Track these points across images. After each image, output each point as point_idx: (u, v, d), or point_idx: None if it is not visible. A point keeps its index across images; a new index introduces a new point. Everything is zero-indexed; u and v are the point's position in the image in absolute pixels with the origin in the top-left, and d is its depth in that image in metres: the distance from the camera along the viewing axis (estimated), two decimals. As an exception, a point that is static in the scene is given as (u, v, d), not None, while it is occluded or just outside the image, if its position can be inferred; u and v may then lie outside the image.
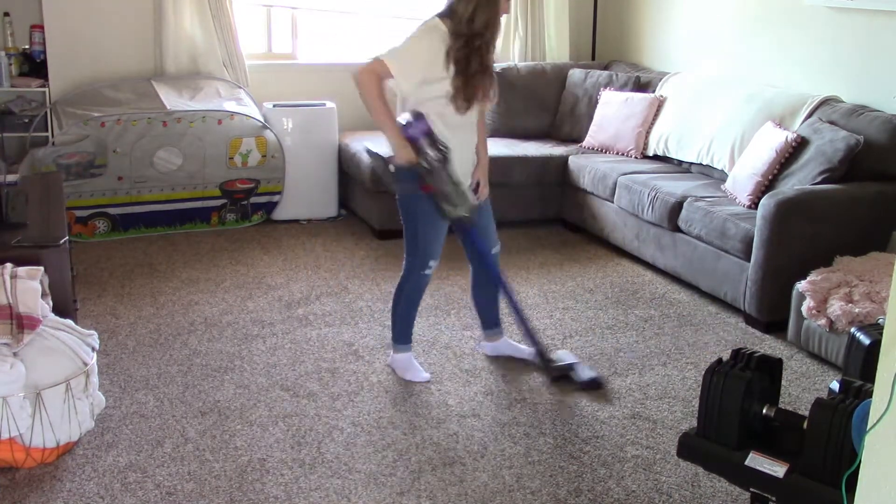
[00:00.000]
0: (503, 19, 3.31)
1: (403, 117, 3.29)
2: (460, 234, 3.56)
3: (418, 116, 3.26)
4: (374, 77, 3.26)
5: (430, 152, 3.25)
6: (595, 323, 4.17)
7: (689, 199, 4.52)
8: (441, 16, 3.24)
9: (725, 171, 4.86)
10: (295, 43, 6.13)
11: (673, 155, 5.31)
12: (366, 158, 5.33)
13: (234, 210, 5.45)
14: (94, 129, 5.00)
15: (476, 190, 3.50)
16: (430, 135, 3.27)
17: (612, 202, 5.06)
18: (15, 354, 2.79)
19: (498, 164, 5.38)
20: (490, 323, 3.76)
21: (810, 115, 4.55)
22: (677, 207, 4.53)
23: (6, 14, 5.32)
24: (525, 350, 3.73)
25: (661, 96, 5.52)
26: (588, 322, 4.18)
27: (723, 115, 5.00)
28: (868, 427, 1.56)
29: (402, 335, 3.60)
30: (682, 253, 4.54)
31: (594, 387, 3.49)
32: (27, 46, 5.41)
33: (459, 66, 3.22)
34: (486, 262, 3.58)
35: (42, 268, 3.04)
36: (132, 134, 5.06)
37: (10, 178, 3.98)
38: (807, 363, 3.80)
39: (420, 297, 3.60)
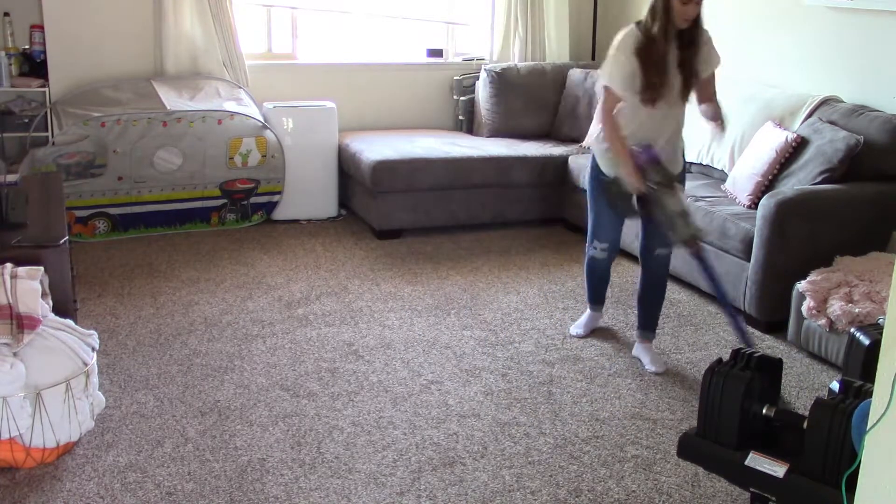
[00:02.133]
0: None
1: (634, 147, 3.48)
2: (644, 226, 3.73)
3: (647, 146, 3.46)
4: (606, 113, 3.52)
5: (655, 179, 3.39)
6: (595, 323, 4.17)
7: (688, 199, 4.52)
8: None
9: (725, 171, 4.86)
10: (295, 43, 6.13)
11: (673, 155, 5.30)
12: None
13: (234, 210, 5.45)
14: (94, 129, 5.00)
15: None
16: (655, 162, 3.43)
17: (612, 202, 5.06)
18: (15, 354, 2.79)
19: (498, 164, 5.39)
20: (641, 324, 3.87)
21: (810, 115, 4.55)
22: (677, 207, 4.53)
23: (6, 14, 5.32)
24: (652, 367, 3.73)
25: (661, 96, 5.51)
26: (588, 322, 4.18)
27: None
28: (868, 427, 1.56)
29: (588, 297, 4.06)
30: (682, 253, 4.53)
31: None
32: (27, 46, 5.41)
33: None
34: (644, 261, 3.80)
35: (42, 268, 3.04)
36: (132, 134, 5.06)
37: (10, 178, 3.98)
38: (807, 363, 3.80)
39: (593, 274, 3.96)
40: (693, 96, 3.59)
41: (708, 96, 3.62)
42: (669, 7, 3.41)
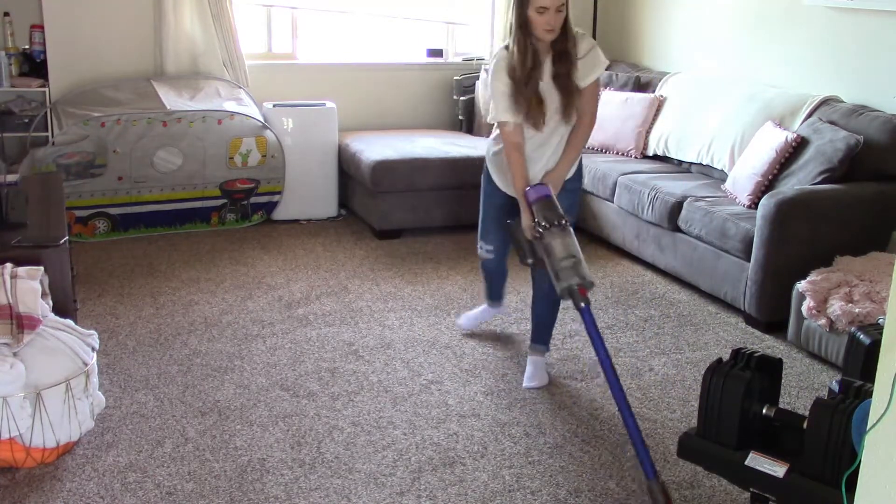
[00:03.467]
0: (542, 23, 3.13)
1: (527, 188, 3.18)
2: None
3: (538, 185, 3.16)
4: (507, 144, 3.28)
5: (542, 220, 3.03)
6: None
7: (689, 199, 4.52)
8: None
9: (725, 171, 4.86)
10: (295, 43, 6.14)
11: (673, 155, 5.31)
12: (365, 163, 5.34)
13: (234, 210, 5.45)
14: (94, 129, 5.00)
15: None
16: (544, 199, 3.09)
17: (612, 202, 5.06)
18: (15, 354, 2.79)
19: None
20: (532, 335, 3.65)
21: (810, 115, 4.55)
22: (677, 207, 4.53)
23: (6, 14, 5.32)
24: (526, 382, 3.52)
25: (661, 96, 5.52)
26: (588, 322, 4.18)
27: (723, 115, 5.00)
28: (868, 427, 1.56)
29: (484, 292, 3.95)
30: (682, 253, 4.54)
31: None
32: (27, 46, 5.41)
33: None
34: (532, 271, 3.51)
35: (42, 268, 3.04)
36: (132, 134, 5.06)
37: (10, 178, 3.98)
38: (807, 363, 3.80)
39: (485, 271, 3.80)
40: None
41: (588, 110, 3.27)
42: (526, 21, 3.12)
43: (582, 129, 3.30)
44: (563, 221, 3.01)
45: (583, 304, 2.86)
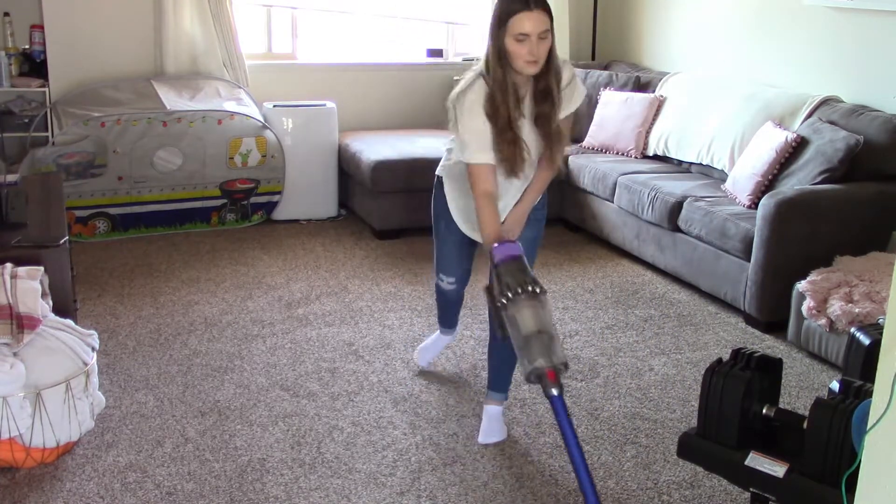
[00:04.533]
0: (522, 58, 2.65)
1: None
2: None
3: (507, 241, 2.59)
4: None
5: (506, 288, 2.40)
6: (595, 323, 4.17)
7: (689, 199, 4.52)
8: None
9: (725, 171, 4.86)
10: (295, 43, 6.14)
11: (673, 155, 5.31)
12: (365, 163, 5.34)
13: (234, 210, 5.45)
14: (94, 129, 5.00)
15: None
16: (514, 260, 2.48)
17: (612, 202, 5.06)
18: (15, 354, 2.79)
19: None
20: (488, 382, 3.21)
21: (810, 115, 4.55)
22: (677, 207, 4.53)
23: (6, 14, 5.32)
24: (480, 437, 3.11)
25: (661, 96, 5.52)
26: (588, 322, 4.18)
27: (723, 115, 5.00)
28: (868, 427, 1.56)
29: (438, 318, 3.56)
30: (682, 253, 4.54)
31: None
32: (27, 46, 5.41)
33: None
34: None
35: (42, 268, 3.05)
36: (132, 134, 5.06)
37: (10, 178, 3.98)
38: (807, 363, 3.80)
39: (442, 300, 3.41)
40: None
41: (555, 149, 2.81)
42: (504, 53, 2.65)
43: (549, 170, 2.90)
44: (536, 288, 2.39)
45: (554, 392, 2.25)
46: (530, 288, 2.38)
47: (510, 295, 2.38)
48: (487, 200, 2.71)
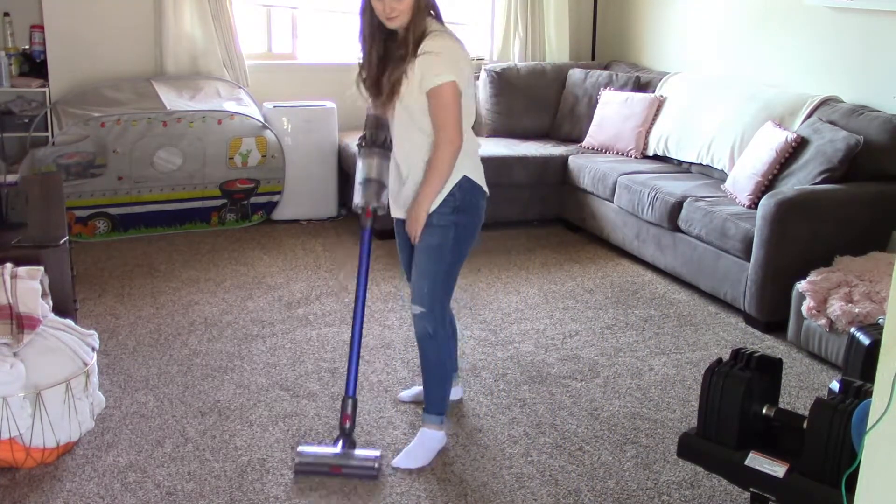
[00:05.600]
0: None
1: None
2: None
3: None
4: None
5: (364, 135, 3.05)
6: (595, 323, 4.17)
7: (689, 199, 4.52)
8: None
9: (725, 171, 4.86)
10: (295, 43, 6.13)
11: (673, 155, 5.31)
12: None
13: (234, 210, 5.45)
14: (94, 129, 5.00)
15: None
16: (375, 119, 3.03)
17: (612, 202, 5.06)
18: (15, 354, 2.79)
19: (498, 163, 5.38)
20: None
21: (810, 115, 4.55)
22: (677, 207, 4.53)
23: (6, 14, 5.32)
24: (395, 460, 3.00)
25: (661, 96, 5.52)
26: (588, 322, 4.18)
27: (723, 115, 5.00)
28: (868, 427, 1.56)
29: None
30: (682, 253, 4.54)
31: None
32: (27, 46, 5.41)
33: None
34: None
35: (42, 268, 3.05)
36: (132, 134, 5.06)
37: (10, 178, 3.98)
38: (807, 363, 3.80)
39: (448, 346, 3.09)
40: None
41: (436, 124, 2.79)
42: (370, 8, 2.84)
43: (435, 148, 2.81)
44: (385, 141, 2.97)
45: (367, 225, 2.95)
46: (382, 142, 2.97)
47: (361, 142, 3.02)
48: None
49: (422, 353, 2.99)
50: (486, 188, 3.01)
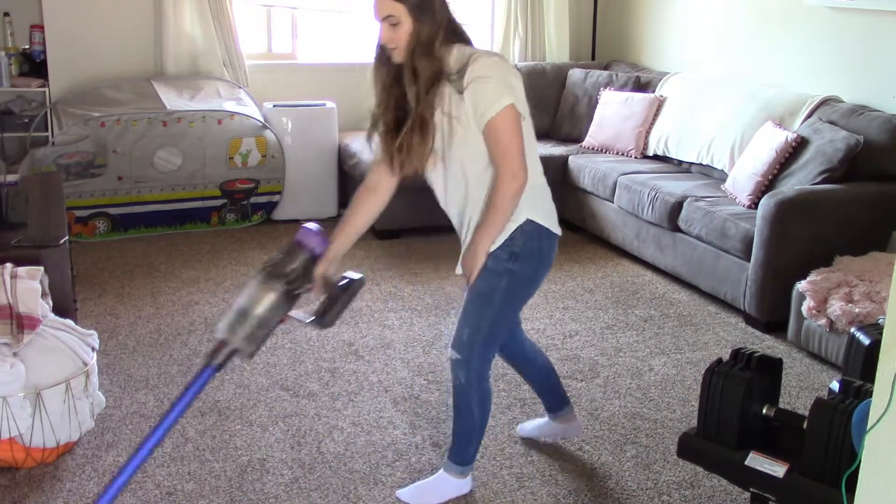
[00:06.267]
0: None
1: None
2: None
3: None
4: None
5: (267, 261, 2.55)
6: (595, 323, 4.17)
7: (689, 199, 4.52)
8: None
9: (725, 171, 4.86)
10: (295, 43, 6.13)
11: (673, 155, 5.31)
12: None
13: (234, 210, 5.45)
14: (94, 129, 4.99)
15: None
16: (293, 246, 2.60)
17: (612, 202, 5.06)
18: (15, 354, 2.79)
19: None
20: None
21: (810, 115, 4.55)
22: (677, 207, 4.53)
23: (6, 14, 5.32)
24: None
25: (661, 96, 5.52)
26: (588, 322, 4.18)
27: (723, 115, 5.00)
28: (868, 427, 1.56)
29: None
30: (682, 253, 4.54)
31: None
32: (27, 46, 5.41)
33: None
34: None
35: (42, 268, 3.05)
36: (132, 134, 5.06)
37: (10, 178, 3.98)
38: (807, 363, 3.80)
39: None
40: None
41: (494, 161, 2.48)
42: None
43: (496, 183, 2.50)
44: (292, 277, 2.52)
45: (211, 363, 2.26)
46: (270, 270, 2.47)
47: (259, 268, 2.49)
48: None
49: (454, 398, 2.71)
50: (556, 230, 2.65)
